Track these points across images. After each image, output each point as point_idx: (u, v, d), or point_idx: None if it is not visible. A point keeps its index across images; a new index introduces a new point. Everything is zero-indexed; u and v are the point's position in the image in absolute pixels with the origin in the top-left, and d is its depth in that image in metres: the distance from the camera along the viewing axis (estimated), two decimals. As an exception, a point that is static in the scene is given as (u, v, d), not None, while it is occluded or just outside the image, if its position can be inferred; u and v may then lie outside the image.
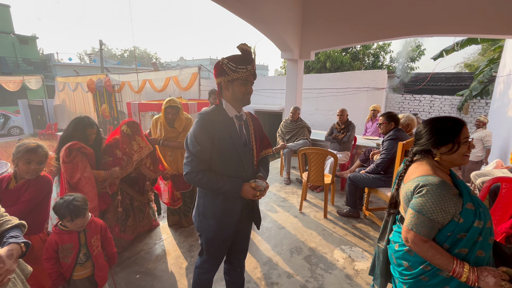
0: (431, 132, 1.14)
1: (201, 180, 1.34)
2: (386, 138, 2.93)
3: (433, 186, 1.02)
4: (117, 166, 2.31)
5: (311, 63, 11.70)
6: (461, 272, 0.98)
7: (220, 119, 1.38)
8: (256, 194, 1.39)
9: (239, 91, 1.35)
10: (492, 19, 3.82)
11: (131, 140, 2.34)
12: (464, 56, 12.50)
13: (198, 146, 1.32)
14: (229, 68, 1.30)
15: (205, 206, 1.48)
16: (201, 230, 1.53)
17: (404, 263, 1.16)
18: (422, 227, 1.03)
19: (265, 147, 1.68)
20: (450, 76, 11.70)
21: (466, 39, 7.81)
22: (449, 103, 8.20)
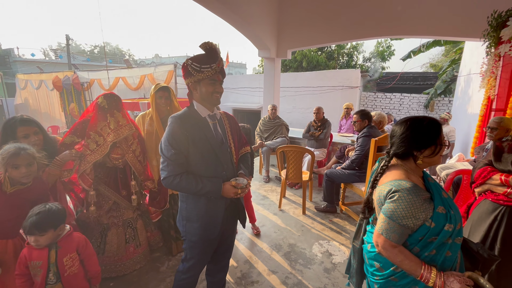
0: (414, 136, 1.08)
1: (179, 184, 1.31)
2: (360, 135, 3.05)
3: (405, 192, 1.00)
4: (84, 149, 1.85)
5: (288, 62, 11.85)
6: (428, 277, 0.99)
7: (192, 120, 1.36)
8: (238, 192, 1.38)
9: (206, 91, 1.34)
10: (453, 23, 4.11)
11: (106, 116, 1.89)
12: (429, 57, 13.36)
13: (172, 149, 1.29)
14: (193, 69, 1.29)
15: (188, 210, 1.45)
16: (186, 234, 1.49)
17: (376, 264, 1.17)
18: (392, 232, 1.02)
19: (243, 145, 1.68)
20: (417, 76, 12.42)
21: (431, 41, 8.33)
22: (416, 101, 8.71)
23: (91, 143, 1.87)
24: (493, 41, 3.28)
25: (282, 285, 2.13)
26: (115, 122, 1.92)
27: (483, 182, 1.60)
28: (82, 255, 1.51)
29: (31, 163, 1.47)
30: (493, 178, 1.55)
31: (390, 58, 12.46)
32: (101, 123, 1.89)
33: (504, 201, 1.49)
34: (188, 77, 1.32)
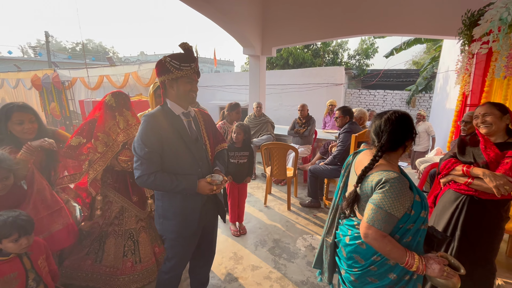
0: (405, 128, 1.13)
1: (154, 182, 1.31)
2: (341, 131, 3.12)
3: (395, 182, 1.03)
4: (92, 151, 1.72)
5: (275, 59, 11.89)
6: (413, 262, 1.04)
7: (166, 118, 1.37)
8: (213, 188, 1.40)
9: (184, 89, 1.36)
10: (431, 21, 4.26)
11: (115, 115, 1.78)
12: (412, 54, 13.76)
13: (146, 148, 1.30)
14: (172, 66, 1.30)
15: (164, 208, 1.46)
16: (163, 232, 1.51)
17: (355, 256, 1.19)
18: (383, 222, 1.03)
19: (219, 142, 1.70)
20: (400, 73, 12.76)
21: (412, 39, 8.58)
22: (399, 97, 8.95)
23: (99, 145, 1.73)
24: (467, 39, 3.42)
25: (266, 279, 2.17)
26: (125, 122, 1.81)
27: (448, 173, 1.68)
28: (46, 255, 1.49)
29: (7, 176, 1.42)
30: (456, 169, 1.62)
31: (373, 56, 12.73)
32: (110, 122, 1.76)
33: (465, 191, 1.57)
34: (165, 74, 1.32)
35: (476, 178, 1.51)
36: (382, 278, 1.14)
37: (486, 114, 1.56)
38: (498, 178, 1.40)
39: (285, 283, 2.13)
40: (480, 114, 1.59)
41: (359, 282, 1.19)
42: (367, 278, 1.17)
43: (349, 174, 1.32)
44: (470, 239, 1.57)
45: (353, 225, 1.22)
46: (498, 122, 1.52)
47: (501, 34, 2.53)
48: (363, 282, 1.18)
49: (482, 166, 1.53)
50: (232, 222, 2.88)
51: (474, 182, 1.52)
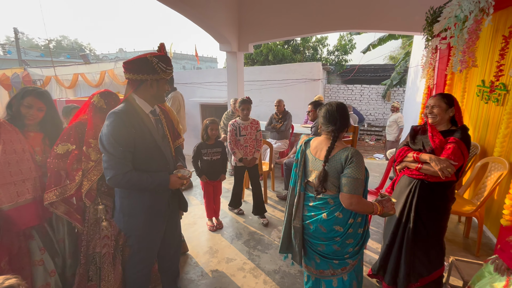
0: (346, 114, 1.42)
1: (129, 181, 1.30)
2: (313, 125, 3.21)
3: (357, 154, 1.31)
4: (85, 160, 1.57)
5: (255, 56, 11.91)
6: (376, 209, 1.34)
7: (137, 116, 1.37)
8: (183, 182, 1.47)
9: (162, 90, 1.41)
10: (400, 17, 4.45)
11: (105, 117, 1.52)
12: (390, 50, 14.22)
13: (120, 146, 1.27)
14: (160, 68, 1.33)
15: (131, 205, 1.45)
16: (128, 231, 1.52)
17: (335, 226, 1.39)
18: (360, 188, 1.29)
19: (176, 137, 1.78)
20: (378, 68, 13.15)
21: (387, 35, 8.87)
22: (375, 92, 9.26)
23: (92, 152, 1.57)
24: (429, 35, 3.61)
25: (239, 271, 2.23)
26: None
27: (402, 160, 1.81)
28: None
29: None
30: (408, 155, 1.76)
31: (352, 51, 13.03)
32: (101, 126, 1.55)
33: (416, 175, 1.71)
34: (151, 73, 1.32)
35: (425, 163, 1.66)
36: (355, 236, 1.41)
37: (434, 106, 1.69)
38: (441, 161, 1.56)
39: (258, 272, 2.21)
40: (430, 106, 1.73)
41: (341, 248, 1.42)
42: (346, 241, 1.41)
43: (305, 161, 1.49)
44: (423, 220, 1.70)
45: (326, 202, 1.40)
46: (443, 114, 1.67)
47: (457, 30, 2.69)
48: (344, 246, 1.41)
49: (429, 152, 1.67)
50: (209, 218, 2.92)
51: (423, 167, 1.66)
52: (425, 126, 1.81)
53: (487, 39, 2.68)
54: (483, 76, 2.75)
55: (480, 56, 2.76)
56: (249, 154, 2.98)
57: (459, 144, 1.57)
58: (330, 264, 1.46)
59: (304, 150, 1.51)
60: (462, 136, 1.60)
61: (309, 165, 1.45)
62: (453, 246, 2.47)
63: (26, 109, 1.55)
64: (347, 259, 1.44)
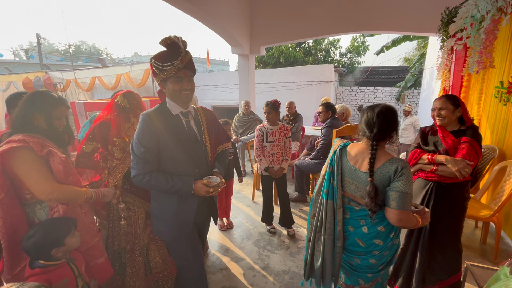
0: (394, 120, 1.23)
1: (149, 182, 1.30)
2: (324, 126, 3.21)
3: (406, 166, 1.15)
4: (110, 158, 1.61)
5: (266, 58, 11.97)
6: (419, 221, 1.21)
7: (163, 118, 1.34)
8: (209, 190, 1.36)
9: (173, 89, 1.30)
10: (415, 19, 4.39)
11: (129, 117, 1.68)
12: (405, 51, 13.93)
13: (142, 147, 1.28)
14: (156, 68, 1.25)
15: (159, 208, 1.44)
16: (158, 234, 1.52)
17: (376, 240, 1.26)
18: (408, 203, 1.15)
19: (223, 141, 1.64)
20: (391, 69, 12.91)
21: (401, 37, 8.71)
22: (389, 94, 9.09)
23: (116, 151, 1.61)
24: (445, 36, 3.54)
25: (249, 270, 2.25)
26: None
27: (415, 163, 1.79)
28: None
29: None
30: (422, 158, 1.74)
31: (365, 53, 12.87)
32: (124, 125, 1.65)
33: (432, 178, 1.69)
34: (155, 76, 1.30)
35: (440, 165, 1.64)
36: (392, 248, 1.31)
37: (442, 108, 1.67)
38: (458, 162, 1.54)
39: (267, 272, 2.22)
40: (437, 108, 1.71)
41: (377, 261, 1.28)
42: (383, 254, 1.29)
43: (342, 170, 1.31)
44: (440, 221, 1.68)
45: (366, 215, 1.24)
46: (451, 115, 1.66)
47: (473, 30, 2.63)
48: (381, 258, 1.29)
49: (443, 153, 1.66)
50: (220, 218, 2.96)
51: (439, 169, 1.64)
52: (433, 127, 1.80)
53: (505, 39, 2.60)
54: (502, 77, 2.67)
55: (498, 57, 2.69)
56: (275, 163, 2.72)
57: (472, 144, 1.56)
58: (361, 278, 1.33)
59: (339, 158, 1.31)
60: (474, 135, 1.60)
61: (346, 174, 1.29)
62: (469, 252, 2.40)
63: (58, 121, 1.41)
64: (381, 271, 1.34)
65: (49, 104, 1.36)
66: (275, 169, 2.71)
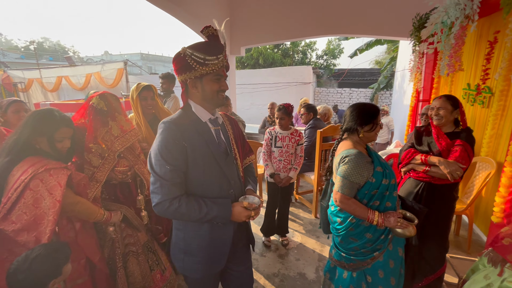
0: (357, 115, 1.41)
1: (178, 210, 1.02)
2: (307, 127, 3.25)
3: (352, 156, 1.32)
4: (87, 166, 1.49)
5: (245, 59, 11.97)
6: (373, 217, 1.30)
7: (191, 126, 1.08)
8: (251, 214, 1.11)
9: (210, 89, 1.07)
10: (388, 23, 4.60)
11: (107, 120, 1.53)
12: (376, 54, 14.67)
13: (167, 165, 1.01)
14: (195, 61, 1.01)
15: (186, 241, 1.16)
16: (185, 272, 1.21)
17: (338, 219, 1.45)
18: (345, 188, 1.32)
19: (248, 153, 1.40)
20: (364, 72, 13.51)
21: (374, 41, 9.13)
22: (363, 95, 9.49)
23: (93, 158, 1.48)
24: (416, 40, 3.75)
25: (238, 274, 2.21)
26: (118, 128, 1.55)
27: (408, 163, 1.82)
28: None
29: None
30: (415, 158, 1.76)
31: (340, 56, 13.34)
32: (101, 130, 1.50)
33: (424, 178, 1.72)
34: (186, 71, 1.04)
35: (433, 166, 1.66)
36: (361, 238, 1.40)
37: (440, 108, 1.68)
38: (451, 164, 1.56)
39: (257, 276, 2.19)
40: (436, 107, 1.71)
41: (344, 242, 1.45)
42: (349, 238, 1.43)
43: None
44: (430, 221, 1.70)
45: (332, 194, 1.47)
46: (449, 115, 1.66)
47: (443, 35, 2.81)
48: (347, 242, 1.44)
49: (436, 154, 1.68)
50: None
51: (431, 170, 1.66)
52: (428, 127, 1.81)
53: (472, 44, 2.80)
54: (469, 80, 2.87)
55: (465, 61, 2.88)
56: (282, 171, 2.49)
57: (465, 147, 1.58)
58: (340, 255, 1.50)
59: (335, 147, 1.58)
60: (468, 138, 1.61)
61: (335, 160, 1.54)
62: (445, 244, 2.54)
63: (61, 144, 1.30)
64: (352, 256, 1.45)
65: (50, 126, 1.26)
66: (281, 176, 2.49)
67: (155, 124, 2.03)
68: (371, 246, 1.40)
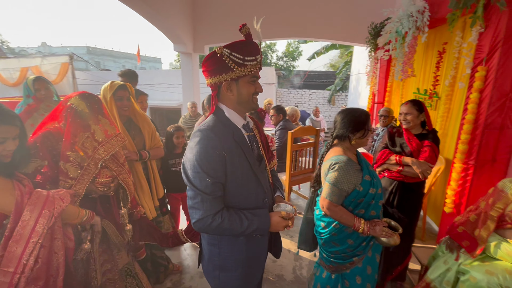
0: (349, 121, 1.38)
1: (220, 226, 0.96)
2: (277, 129, 3.29)
3: (342, 163, 1.31)
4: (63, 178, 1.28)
5: (207, 58, 11.71)
6: (358, 225, 1.32)
7: (228, 133, 1.00)
8: (288, 224, 1.06)
9: (247, 91, 1.00)
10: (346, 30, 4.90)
11: (88, 124, 1.34)
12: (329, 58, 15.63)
13: (208, 178, 0.94)
14: (234, 62, 0.94)
15: (222, 256, 1.08)
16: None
17: (322, 223, 1.46)
18: (333, 195, 1.32)
19: (271, 158, 1.31)
20: (321, 74, 14.28)
21: (330, 45, 9.70)
22: (322, 96, 10.02)
23: (71, 168, 1.28)
24: (373, 47, 4.08)
25: (215, 283, 2.12)
26: (102, 132, 1.35)
27: (383, 163, 1.96)
28: None
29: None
30: (390, 159, 1.90)
31: (299, 58, 13.88)
32: (82, 135, 1.31)
33: (397, 177, 1.87)
34: (223, 73, 0.96)
35: (406, 166, 1.80)
36: (343, 243, 1.42)
37: (408, 114, 1.84)
38: (422, 164, 1.71)
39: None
40: (403, 113, 1.87)
41: (326, 245, 1.48)
42: (331, 243, 1.45)
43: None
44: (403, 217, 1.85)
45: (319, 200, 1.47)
46: (416, 119, 1.83)
47: (398, 44, 3.08)
48: (329, 246, 1.46)
49: (408, 154, 1.83)
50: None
51: (404, 169, 1.81)
52: (399, 129, 1.96)
53: (421, 52, 3.12)
54: (418, 84, 3.20)
55: (416, 67, 3.21)
56: None
57: (433, 147, 1.75)
58: (321, 255, 1.56)
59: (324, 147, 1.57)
60: (434, 140, 1.79)
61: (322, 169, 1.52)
62: (403, 234, 2.80)
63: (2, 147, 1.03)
64: (332, 258, 1.48)
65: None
66: None
67: (132, 128, 1.83)
68: (351, 252, 1.44)
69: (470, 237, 1.59)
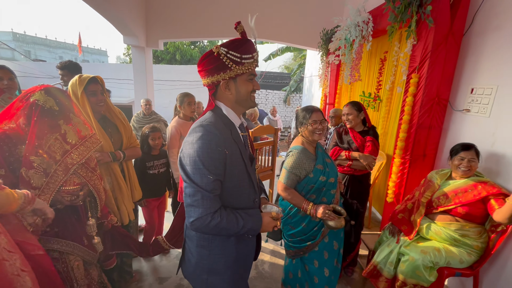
0: (296, 117, 1.62)
1: (218, 225, 0.93)
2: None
3: (296, 151, 1.50)
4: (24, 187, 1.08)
5: (160, 53, 11.12)
6: (307, 207, 1.47)
7: (227, 131, 0.98)
8: (277, 224, 1.07)
9: (246, 89, 0.99)
10: (300, 34, 5.14)
11: (58, 124, 1.17)
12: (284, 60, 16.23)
13: (210, 175, 0.91)
14: (231, 60, 0.93)
15: (212, 258, 1.05)
16: None
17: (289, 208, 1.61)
18: (286, 179, 1.50)
19: (254, 158, 1.30)
20: (276, 75, 14.73)
21: (285, 47, 10.07)
22: (278, 97, 10.36)
23: (34, 176, 1.09)
24: (324, 51, 4.37)
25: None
26: (75, 133, 1.20)
27: (335, 159, 2.15)
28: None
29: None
30: (341, 155, 2.13)
31: (255, 58, 14.09)
32: (49, 136, 1.13)
33: (348, 171, 2.10)
34: (220, 72, 0.94)
35: (354, 160, 2.04)
36: (297, 226, 1.59)
37: (349, 114, 2.08)
38: (367, 157, 1.97)
39: (197, 284, 2.09)
40: (345, 113, 2.11)
41: (284, 229, 1.65)
42: (288, 226, 1.63)
43: None
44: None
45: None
46: (356, 118, 2.08)
47: (346, 50, 3.36)
48: (286, 229, 1.64)
49: (355, 150, 2.07)
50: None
51: (353, 163, 2.05)
52: (345, 128, 2.20)
53: (366, 59, 3.46)
54: (364, 88, 3.55)
55: (362, 72, 3.54)
56: None
57: (374, 142, 2.01)
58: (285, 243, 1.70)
59: None
60: (374, 135, 2.06)
61: None
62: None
63: None
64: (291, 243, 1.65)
65: None
66: None
67: (108, 126, 1.65)
68: (305, 236, 1.60)
69: (407, 222, 1.84)
